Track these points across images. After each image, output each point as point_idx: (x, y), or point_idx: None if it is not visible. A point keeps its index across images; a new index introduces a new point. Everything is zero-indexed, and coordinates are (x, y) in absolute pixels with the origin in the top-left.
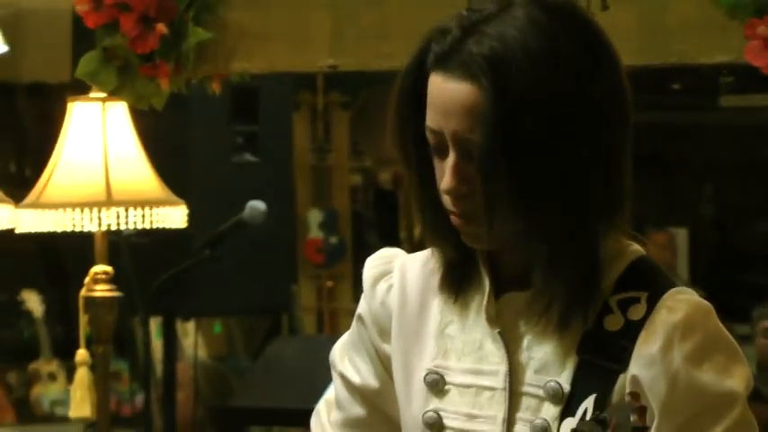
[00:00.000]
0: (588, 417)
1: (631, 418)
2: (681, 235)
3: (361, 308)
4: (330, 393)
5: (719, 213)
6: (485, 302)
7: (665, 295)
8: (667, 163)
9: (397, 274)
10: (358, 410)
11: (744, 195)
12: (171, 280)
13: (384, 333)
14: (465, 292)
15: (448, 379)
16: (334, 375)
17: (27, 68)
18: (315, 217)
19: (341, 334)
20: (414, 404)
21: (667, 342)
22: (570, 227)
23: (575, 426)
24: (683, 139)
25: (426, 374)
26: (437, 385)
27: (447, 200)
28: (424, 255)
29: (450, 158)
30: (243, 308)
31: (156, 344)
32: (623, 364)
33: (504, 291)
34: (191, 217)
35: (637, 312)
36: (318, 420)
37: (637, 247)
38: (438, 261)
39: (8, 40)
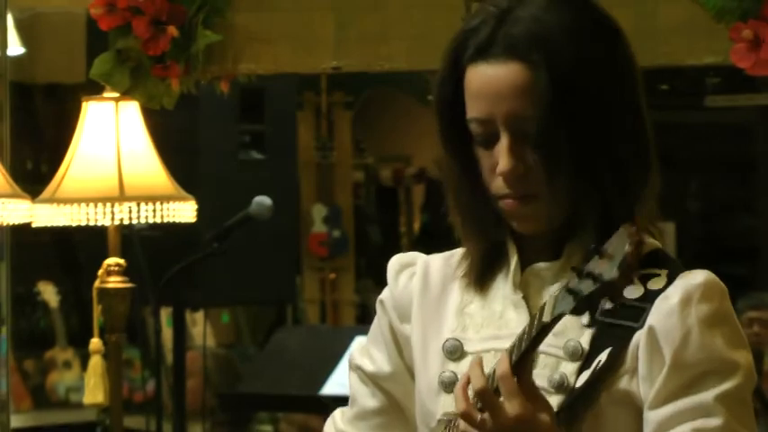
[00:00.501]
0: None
1: (627, 234)
2: (668, 229)
3: (384, 294)
4: (339, 390)
5: (705, 208)
6: (511, 273)
7: (685, 272)
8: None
9: (420, 266)
10: (370, 402)
11: (728, 191)
12: (180, 272)
13: (404, 315)
14: (487, 276)
15: (466, 347)
16: (351, 372)
17: (43, 69)
18: (318, 212)
19: (343, 324)
20: (431, 370)
21: (686, 298)
22: (623, 198)
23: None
24: (670, 137)
25: (445, 342)
26: (455, 351)
27: (499, 185)
28: (446, 254)
29: (505, 141)
30: (249, 298)
31: (167, 333)
32: (640, 322)
33: (528, 265)
34: (199, 212)
35: (657, 283)
36: (332, 423)
37: (654, 241)
38: (471, 251)
39: (25, 43)
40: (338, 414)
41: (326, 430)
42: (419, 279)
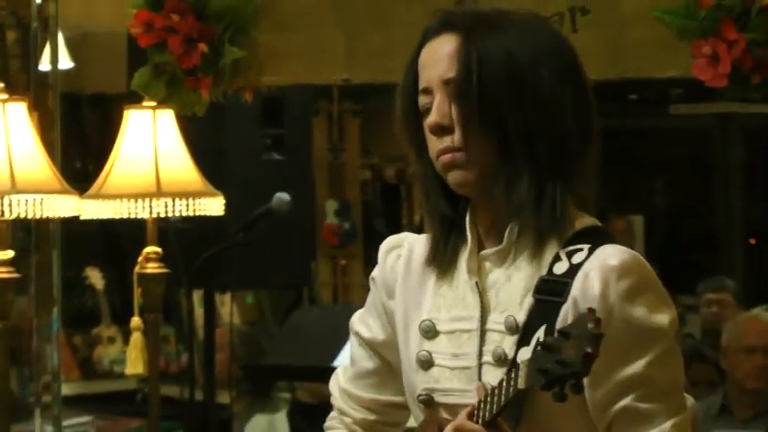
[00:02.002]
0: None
1: (589, 327)
2: (637, 222)
3: (375, 272)
4: (346, 361)
5: (670, 203)
6: (465, 259)
7: (604, 245)
8: (626, 161)
9: (406, 248)
10: (367, 363)
11: (690, 188)
12: (210, 259)
13: (390, 292)
14: (454, 260)
15: (438, 327)
16: (352, 336)
17: (89, 81)
18: (331, 206)
19: (353, 304)
20: (410, 347)
21: (605, 280)
22: (552, 172)
23: (541, 341)
24: (638, 141)
25: (421, 323)
26: (429, 331)
27: (434, 144)
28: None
29: (436, 98)
30: (270, 282)
31: (198, 312)
32: (564, 296)
33: (483, 248)
34: (227, 206)
35: (579, 257)
36: (335, 379)
37: (593, 220)
38: (432, 237)
39: (74, 58)
40: (341, 372)
41: (331, 386)
42: (404, 261)
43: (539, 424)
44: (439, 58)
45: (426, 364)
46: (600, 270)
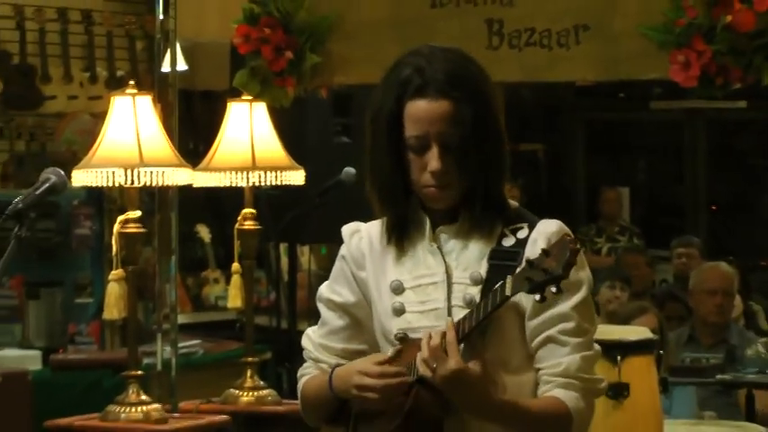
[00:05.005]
0: (497, 287)
1: (569, 245)
2: (624, 193)
3: (343, 251)
4: (312, 328)
5: (650, 179)
6: (427, 232)
7: (539, 222)
8: (616, 145)
9: (365, 231)
10: (339, 322)
11: (666, 167)
12: (293, 219)
13: (360, 265)
14: (405, 237)
15: (405, 285)
16: (321, 304)
17: (200, 81)
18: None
19: None
20: (384, 301)
21: (548, 242)
22: (497, 182)
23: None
24: (626, 130)
25: (391, 282)
26: (398, 288)
27: (427, 178)
28: (379, 221)
29: (435, 150)
30: (339, 237)
31: (284, 260)
32: (518, 261)
33: (436, 227)
34: (307, 178)
35: (522, 233)
36: (307, 337)
37: (514, 202)
38: (389, 221)
39: (188, 62)
40: (311, 332)
41: (304, 343)
42: (366, 241)
43: (496, 346)
44: (436, 118)
45: (399, 311)
46: (543, 234)
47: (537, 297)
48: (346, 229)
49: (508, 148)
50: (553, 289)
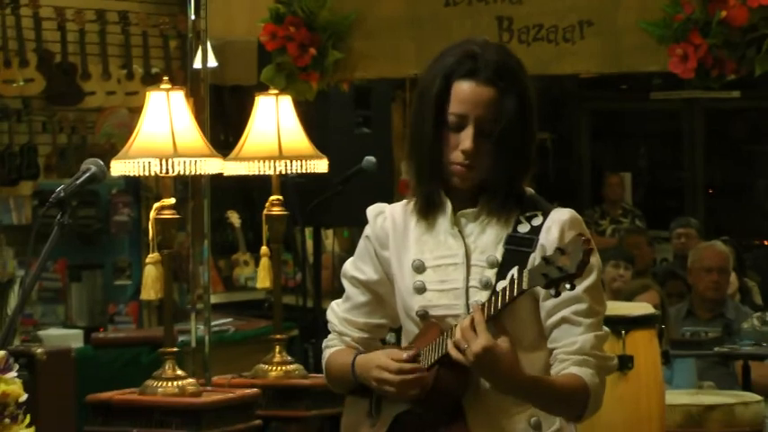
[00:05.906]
0: (515, 278)
1: (583, 245)
2: (627, 177)
3: (367, 231)
4: (337, 301)
5: (650, 164)
6: (448, 214)
7: (552, 211)
8: (619, 133)
9: (389, 212)
10: (362, 298)
11: (665, 153)
12: (318, 204)
13: (383, 245)
14: (432, 217)
15: (426, 264)
16: (345, 280)
17: (230, 76)
18: (404, 166)
19: None
20: (406, 279)
21: (561, 231)
22: (521, 175)
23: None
24: (628, 118)
25: (413, 261)
26: (420, 267)
27: (458, 156)
28: (403, 202)
29: (470, 131)
30: (361, 221)
31: (309, 243)
32: (532, 248)
33: (456, 211)
34: (330, 166)
35: (537, 221)
36: (332, 311)
37: (530, 189)
38: (418, 197)
39: (218, 59)
40: (335, 305)
41: (329, 316)
42: (390, 221)
43: (510, 325)
44: (479, 103)
45: (420, 290)
46: (557, 223)
47: (552, 292)
48: (371, 210)
49: (537, 144)
50: (567, 286)
